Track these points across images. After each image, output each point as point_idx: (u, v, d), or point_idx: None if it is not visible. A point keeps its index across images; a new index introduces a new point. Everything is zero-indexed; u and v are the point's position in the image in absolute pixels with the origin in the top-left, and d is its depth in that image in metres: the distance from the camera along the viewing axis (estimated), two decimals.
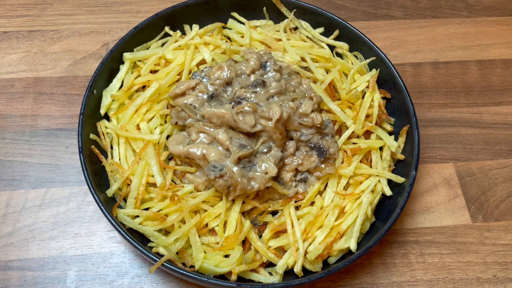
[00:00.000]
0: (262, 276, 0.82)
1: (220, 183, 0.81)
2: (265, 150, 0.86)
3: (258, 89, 0.90)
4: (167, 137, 0.92)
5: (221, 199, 0.86)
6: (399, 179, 0.90)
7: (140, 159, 0.88)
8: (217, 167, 0.82)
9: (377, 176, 0.90)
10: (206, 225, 0.86)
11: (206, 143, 0.87)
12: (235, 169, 0.82)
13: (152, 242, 0.83)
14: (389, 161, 0.93)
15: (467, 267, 0.95)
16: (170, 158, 0.93)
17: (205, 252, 0.82)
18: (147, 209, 0.86)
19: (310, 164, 0.89)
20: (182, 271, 0.76)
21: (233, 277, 0.79)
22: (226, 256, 0.82)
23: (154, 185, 0.88)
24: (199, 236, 0.83)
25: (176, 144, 0.88)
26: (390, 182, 0.92)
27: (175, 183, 0.89)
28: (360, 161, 0.92)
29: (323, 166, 0.89)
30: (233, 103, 0.86)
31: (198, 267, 0.80)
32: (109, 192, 0.86)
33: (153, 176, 0.87)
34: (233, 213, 0.85)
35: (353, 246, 0.83)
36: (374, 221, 0.89)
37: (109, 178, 0.89)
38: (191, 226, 0.81)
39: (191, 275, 0.76)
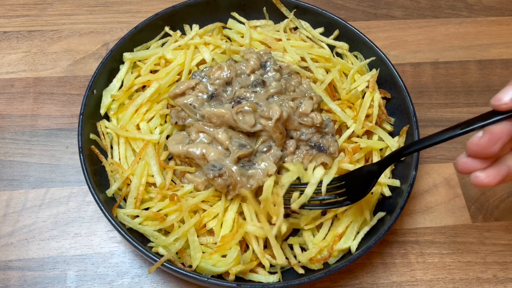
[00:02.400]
0: (262, 276, 0.82)
1: (219, 182, 0.81)
2: (265, 150, 0.86)
3: (258, 89, 0.90)
4: (167, 137, 0.92)
5: (221, 199, 0.86)
6: (395, 183, 0.89)
7: (140, 159, 0.88)
8: (216, 167, 0.82)
9: None
10: (205, 225, 0.86)
11: (205, 143, 0.87)
12: (234, 168, 0.82)
13: (152, 242, 0.83)
14: None
15: (467, 267, 0.95)
16: (170, 158, 0.92)
17: (203, 252, 0.82)
18: (147, 209, 0.86)
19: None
20: (182, 271, 0.76)
21: (231, 277, 0.79)
22: (225, 256, 0.82)
23: (154, 185, 0.88)
24: (198, 236, 0.83)
25: (176, 143, 0.88)
26: None
27: (175, 183, 0.89)
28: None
29: None
30: (233, 103, 0.86)
31: (196, 267, 0.80)
32: (109, 192, 0.86)
33: (153, 176, 0.87)
34: (229, 212, 0.84)
35: (353, 246, 0.83)
36: None
37: (109, 178, 0.89)
38: (191, 226, 0.81)
39: (191, 275, 0.76)
